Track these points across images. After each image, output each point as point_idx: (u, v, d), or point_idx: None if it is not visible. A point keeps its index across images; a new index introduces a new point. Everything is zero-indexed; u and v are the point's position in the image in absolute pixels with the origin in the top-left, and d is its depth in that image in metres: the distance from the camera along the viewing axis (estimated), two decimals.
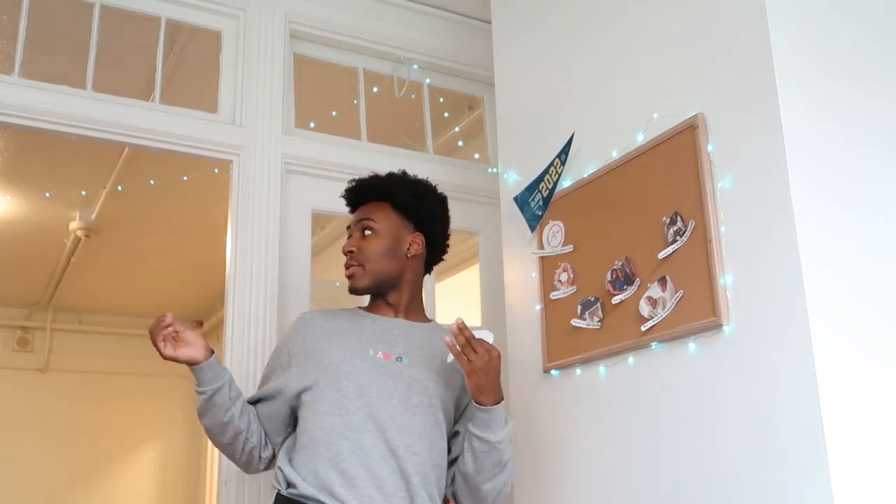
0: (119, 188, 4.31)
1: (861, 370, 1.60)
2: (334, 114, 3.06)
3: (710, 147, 1.82)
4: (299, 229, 2.74)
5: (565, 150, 2.22)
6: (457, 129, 3.49)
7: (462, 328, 1.73)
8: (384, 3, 3.05)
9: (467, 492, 1.87)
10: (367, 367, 1.85)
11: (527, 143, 2.45)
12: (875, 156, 1.77)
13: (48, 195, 4.53)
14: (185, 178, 3.81)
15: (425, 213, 2.00)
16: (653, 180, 1.95)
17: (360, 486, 1.74)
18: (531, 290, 2.31)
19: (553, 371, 2.19)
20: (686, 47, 1.93)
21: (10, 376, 6.52)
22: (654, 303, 1.89)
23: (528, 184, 2.34)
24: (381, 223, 1.95)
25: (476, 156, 3.18)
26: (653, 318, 1.89)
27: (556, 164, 2.24)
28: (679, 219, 1.86)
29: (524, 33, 2.55)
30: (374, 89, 3.03)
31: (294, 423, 1.91)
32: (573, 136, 2.21)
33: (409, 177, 2.04)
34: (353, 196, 2.04)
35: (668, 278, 1.86)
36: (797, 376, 1.58)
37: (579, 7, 2.32)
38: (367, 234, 1.94)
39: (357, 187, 2.04)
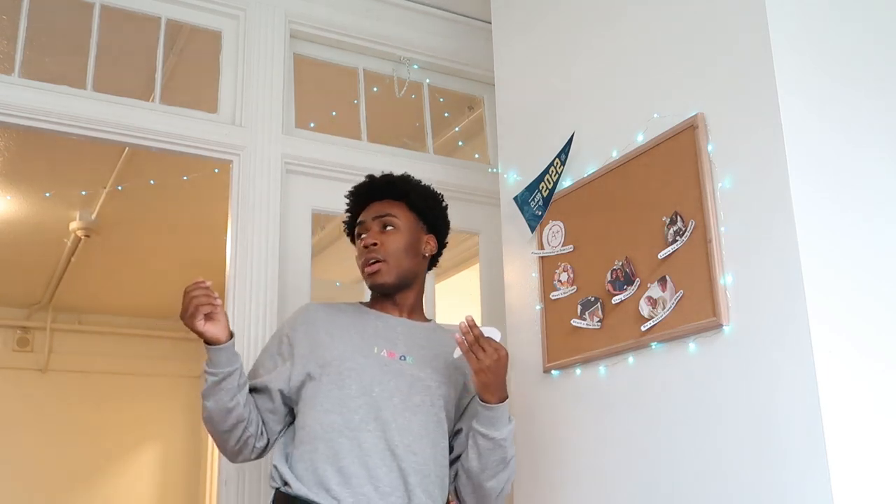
0: (119, 188, 4.31)
1: (861, 370, 1.60)
2: (334, 114, 3.05)
3: (710, 147, 1.82)
4: (299, 229, 2.74)
5: (565, 150, 2.22)
6: (457, 129, 3.49)
7: (472, 326, 1.74)
8: (384, 3, 3.05)
9: (471, 489, 1.87)
10: (371, 365, 1.83)
11: (527, 143, 2.45)
12: (875, 155, 1.77)
13: (48, 195, 4.53)
14: (185, 178, 3.81)
15: (437, 215, 2.04)
16: (653, 180, 1.95)
17: (357, 485, 1.73)
18: (531, 290, 2.31)
19: (553, 371, 2.19)
20: (686, 47, 1.93)
21: (10, 376, 6.51)
22: (654, 303, 1.89)
23: (528, 184, 2.34)
24: (402, 220, 1.95)
25: (476, 156, 3.19)
26: (653, 318, 1.89)
27: (556, 164, 2.24)
28: (679, 219, 1.86)
29: (524, 33, 2.55)
30: (374, 89, 3.03)
31: (292, 414, 1.90)
32: (573, 136, 2.21)
33: (417, 180, 2.06)
34: (368, 192, 2.02)
35: (668, 278, 1.86)
36: (797, 376, 1.58)
37: (579, 7, 2.32)
38: (388, 230, 1.93)
39: (372, 183, 2.02)
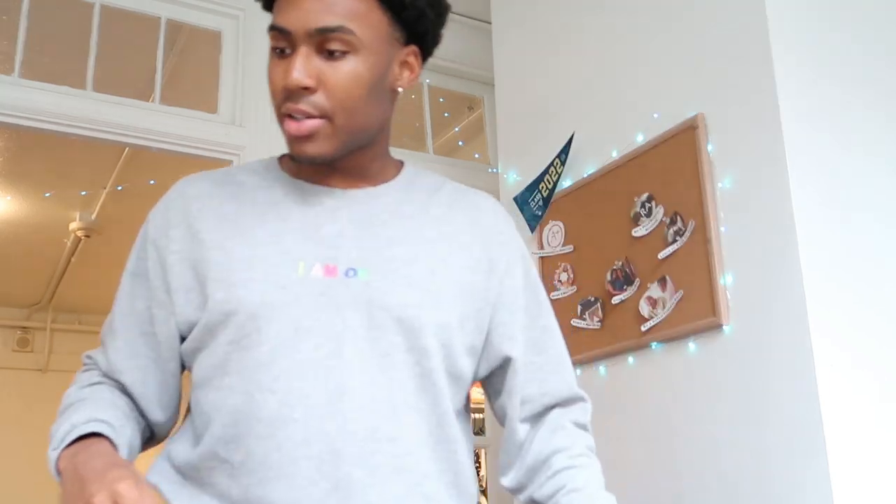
0: (119, 188, 4.31)
1: (861, 366, 1.60)
2: None
3: (710, 147, 1.82)
4: None
5: (565, 150, 2.22)
6: (457, 129, 3.49)
7: None
8: None
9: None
10: (293, 299, 1.02)
11: (527, 143, 2.45)
12: (874, 155, 1.78)
13: (48, 195, 4.53)
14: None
15: (428, 3, 1.09)
16: (653, 180, 1.95)
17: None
18: None
19: None
20: (686, 47, 1.93)
21: (10, 376, 6.52)
22: (654, 303, 1.89)
23: (528, 184, 2.34)
24: (362, 30, 1.02)
25: (476, 156, 3.18)
26: (653, 318, 1.89)
27: (556, 164, 2.24)
28: (679, 219, 1.86)
29: (524, 33, 2.54)
30: None
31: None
32: (573, 136, 2.21)
33: None
34: None
35: (667, 278, 1.86)
36: (797, 375, 1.58)
37: (579, 7, 2.32)
38: (335, 57, 1.01)
39: None
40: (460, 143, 3.49)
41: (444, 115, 3.36)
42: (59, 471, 0.96)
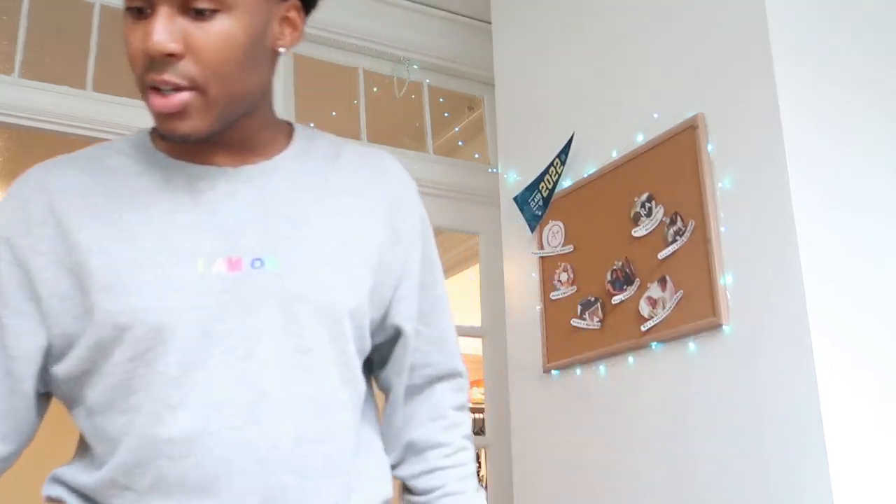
0: None
1: (861, 370, 1.60)
2: (334, 114, 3.06)
3: (710, 147, 1.82)
4: None
5: (565, 150, 2.22)
6: (457, 129, 3.50)
7: None
8: (384, 3, 3.05)
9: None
10: (197, 301, 0.89)
11: (527, 143, 2.45)
12: (874, 155, 1.78)
13: None
14: None
15: None
16: (653, 180, 1.95)
17: None
18: (531, 290, 2.31)
19: (553, 371, 2.19)
20: (686, 47, 1.93)
21: None
22: (654, 303, 1.89)
23: (528, 184, 2.34)
24: None
25: (476, 156, 3.18)
26: (653, 318, 1.89)
27: (556, 164, 2.24)
28: (679, 219, 1.86)
29: (524, 33, 2.54)
30: (374, 89, 3.03)
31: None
32: (573, 136, 2.21)
33: None
34: None
35: (667, 278, 1.86)
36: (797, 375, 1.58)
37: (579, 7, 2.32)
38: (203, 13, 0.86)
39: None
40: (460, 143, 3.49)
41: (444, 114, 3.36)
42: None
